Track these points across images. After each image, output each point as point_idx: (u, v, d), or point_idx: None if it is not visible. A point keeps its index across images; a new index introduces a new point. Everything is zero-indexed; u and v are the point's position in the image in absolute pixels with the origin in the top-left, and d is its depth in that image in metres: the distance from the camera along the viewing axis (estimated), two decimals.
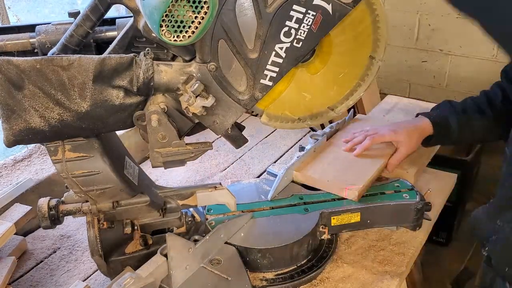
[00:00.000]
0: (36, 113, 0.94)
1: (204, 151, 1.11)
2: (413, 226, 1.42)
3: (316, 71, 1.12)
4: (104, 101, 0.96)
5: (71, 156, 1.04)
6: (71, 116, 0.96)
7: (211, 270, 1.20)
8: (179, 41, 0.88)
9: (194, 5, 0.85)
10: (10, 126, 0.94)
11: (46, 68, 0.91)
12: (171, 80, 1.01)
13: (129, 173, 1.16)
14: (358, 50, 1.11)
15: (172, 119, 1.06)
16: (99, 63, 0.93)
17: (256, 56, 1.02)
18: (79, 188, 1.08)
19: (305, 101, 1.14)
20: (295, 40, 1.02)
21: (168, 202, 1.25)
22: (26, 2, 1.82)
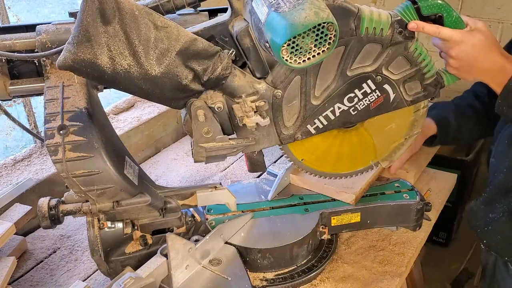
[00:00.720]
0: (108, 52, 0.93)
1: (246, 146, 1.13)
2: (413, 226, 1.42)
3: (358, 134, 1.26)
4: (174, 75, 0.97)
5: (71, 156, 1.04)
6: (138, 72, 0.95)
7: (211, 270, 1.20)
8: (290, 62, 0.91)
9: (319, 40, 0.89)
10: (76, 51, 0.92)
11: (142, 18, 0.91)
12: (240, 86, 1.04)
13: (129, 173, 1.16)
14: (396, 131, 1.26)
15: (219, 119, 1.08)
16: (190, 40, 0.95)
17: (317, 104, 1.11)
18: (79, 188, 1.08)
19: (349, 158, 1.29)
20: (353, 108, 1.14)
21: (168, 202, 1.25)
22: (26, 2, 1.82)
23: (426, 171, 1.69)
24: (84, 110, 1.08)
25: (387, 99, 1.14)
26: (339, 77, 1.09)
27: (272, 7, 0.90)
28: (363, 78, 1.10)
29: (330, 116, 1.13)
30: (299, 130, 1.14)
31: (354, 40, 1.05)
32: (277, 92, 1.07)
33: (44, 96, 1.10)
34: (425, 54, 1.12)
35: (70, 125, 1.05)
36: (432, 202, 1.48)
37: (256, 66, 1.05)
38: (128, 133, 1.90)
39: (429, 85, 1.16)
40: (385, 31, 1.06)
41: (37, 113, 1.73)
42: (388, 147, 1.29)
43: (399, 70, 1.13)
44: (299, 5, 0.88)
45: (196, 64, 0.98)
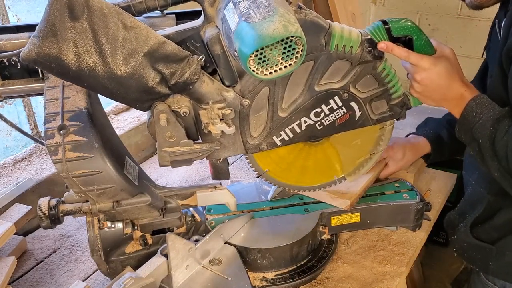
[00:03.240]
0: (74, 49, 0.91)
1: (212, 150, 1.12)
2: (413, 227, 1.42)
3: (323, 149, 1.27)
4: (141, 76, 0.96)
5: (71, 156, 1.04)
6: (104, 71, 0.94)
7: (211, 270, 1.20)
8: (257, 73, 0.91)
9: (287, 53, 0.90)
10: (41, 45, 0.90)
11: (112, 17, 0.90)
12: (207, 93, 1.04)
13: (129, 173, 1.16)
14: (362, 146, 1.28)
15: (183, 124, 1.07)
16: (159, 42, 0.94)
17: (284, 116, 1.12)
18: (79, 188, 1.08)
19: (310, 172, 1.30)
20: (319, 123, 1.14)
21: (168, 202, 1.25)
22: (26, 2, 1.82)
23: (426, 171, 1.69)
24: (84, 110, 1.08)
25: (353, 116, 1.15)
26: (307, 91, 1.10)
27: (242, 17, 0.90)
28: (331, 94, 1.11)
29: (296, 129, 1.14)
30: (264, 140, 1.14)
31: (324, 56, 1.06)
32: (245, 102, 1.07)
33: (44, 96, 1.10)
34: (393, 75, 1.13)
35: (70, 125, 1.05)
36: (432, 202, 1.48)
37: (226, 74, 1.05)
38: (128, 133, 1.90)
39: (395, 106, 1.17)
40: (354, 49, 1.07)
41: (37, 113, 1.73)
42: (354, 162, 1.31)
43: (367, 89, 1.14)
44: (269, 17, 0.88)
45: (164, 67, 0.97)
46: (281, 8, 0.90)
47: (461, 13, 2.61)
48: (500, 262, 1.29)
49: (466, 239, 1.35)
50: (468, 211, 1.37)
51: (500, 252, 1.28)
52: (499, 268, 1.30)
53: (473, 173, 1.36)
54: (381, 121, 1.18)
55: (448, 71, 1.12)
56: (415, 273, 2.06)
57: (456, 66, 1.14)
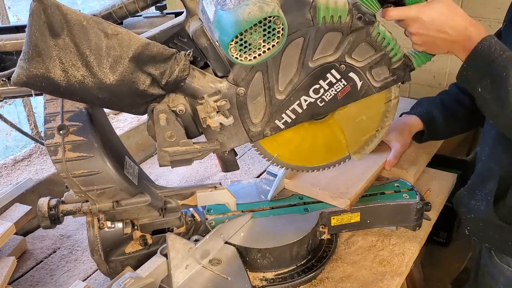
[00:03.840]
0: (60, 65, 0.91)
1: (211, 150, 1.12)
2: (413, 226, 1.42)
3: (328, 126, 1.22)
4: (130, 81, 0.96)
5: (71, 156, 1.04)
6: (93, 82, 0.94)
7: (211, 270, 1.20)
8: (240, 59, 0.90)
9: (267, 35, 0.88)
10: (28, 67, 0.90)
11: (91, 28, 0.90)
12: (200, 88, 1.02)
13: (129, 173, 1.16)
14: (368, 123, 1.23)
15: (182, 122, 1.06)
16: (142, 45, 0.93)
17: (282, 98, 1.09)
18: (79, 188, 1.08)
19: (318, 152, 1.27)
20: (320, 99, 1.10)
21: (168, 202, 1.25)
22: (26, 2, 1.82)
23: (426, 171, 1.69)
24: (84, 110, 1.08)
25: (354, 87, 1.11)
26: (301, 70, 1.06)
27: (218, 5, 0.88)
28: (327, 68, 1.07)
29: (297, 110, 1.11)
30: (267, 126, 1.11)
31: (312, 30, 1.02)
32: (240, 90, 1.05)
33: (44, 96, 1.10)
34: (389, 38, 1.08)
35: (70, 125, 1.05)
36: (432, 202, 1.48)
37: (216, 65, 1.03)
38: (128, 133, 1.90)
39: (397, 69, 1.12)
40: (343, 18, 1.02)
41: (37, 113, 1.73)
42: (360, 139, 1.26)
43: (364, 57, 1.09)
44: (244, 0, 0.86)
45: (152, 68, 0.96)
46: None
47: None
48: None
49: (485, 218, 1.31)
50: (478, 188, 1.34)
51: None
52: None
53: (485, 148, 1.33)
54: (385, 87, 1.14)
55: (443, 13, 1.05)
56: (415, 273, 2.06)
57: (452, 7, 1.07)
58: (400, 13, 1.07)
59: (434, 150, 1.74)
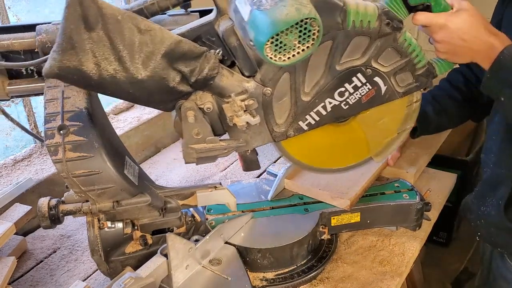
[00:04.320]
0: (93, 59, 0.92)
1: (237, 148, 1.12)
2: (413, 227, 1.42)
3: (352, 128, 1.23)
4: (161, 77, 0.96)
5: (71, 156, 1.04)
6: (125, 77, 0.94)
7: (211, 270, 1.20)
8: (275, 60, 0.90)
9: (303, 36, 0.89)
10: (61, 59, 0.91)
11: (126, 23, 0.91)
12: (228, 86, 1.03)
13: (129, 173, 1.16)
14: (389, 125, 1.24)
15: (209, 120, 1.07)
16: (175, 42, 0.94)
17: (307, 100, 1.09)
18: (79, 188, 1.08)
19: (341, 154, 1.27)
20: (344, 102, 1.11)
21: (168, 202, 1.25)
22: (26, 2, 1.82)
23: (426, 171, 1.69)
24: (84, 110, 1.08)
25: (378, 91, 1.13)
26: (328, 72, 1.07)
27: (254, 5, 0.89)
28: (353, 71, 1.08)
29: (321, 112, 1.12)
30: (291, 127, 1.12)
31: (341, 34, 1.03)
32: (267, 90, 1.05)
33: (44, 96, 1.10)
34: (415, 45, 1.10)
35: (70, 125, 1.05)
36: (432, 202, 1.48)
37: (244, 65, 1.04)
38: (128, 133, 1.90)
39: (420, 76, 1.14)
40: (372, 23, 1.04)
41: (37, 113, 1.73)
42: (381, 142, 1.27)
43: (389, 62, 1.11)
44: (281, 1, 0.87)
45: (182, 65, 0.97)
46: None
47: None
48: None
49: (497, 222, 1.32)
50: (489, 194, 1.34)
51: None
52: None
53: (492, 155, 1.33)
54: (408, 93, 1.15)
55: (468, 23, 1.07)
56: (415, 273, 2.06)
57: (478, 17, 1.08)
58: (428, 19, 1.08)
59: (434, 150, 1.74)
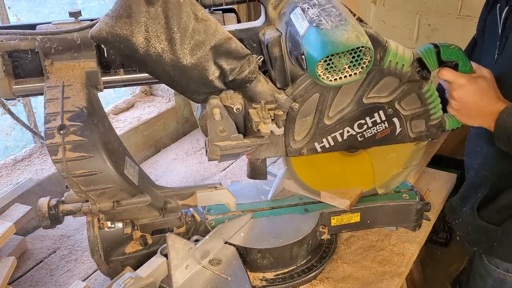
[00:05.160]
0: (145, 33, 0.92)
1: (261, 145, 1.13)
2: (413, 227, 1.42)
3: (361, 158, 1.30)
4: (203, 68, 0.98)
5: (71, 156, 1.04)
6: (170, 59, 0.95)
7: (211, 270, 1.20)
8: (322, 78, 0.94)
9: (354, 62, 0.93)
10: (113, 24, 0.91)
11: (185, 7, 0.92)
12: (261, 93, 1.06)
13: (129, 173, 1.16)
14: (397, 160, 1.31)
15: (234, 120, 1.08)
16: (225, 38, 0.96)
17: (329, 123, 1.14)
18: (79, 188, 1.08)
19: None
20: (360, 134, 1.17)
21: (168, 202, 1.25)
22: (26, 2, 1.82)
23: (426, 171, 1.69)
24: (84, 110, 1.08)
25: (393, 131, 1.18)
26: (355, 102, 1.12)
27: (313, 23, 0.93)
28: (377, 107, 1.14)
29: (338, 138, 1.16)
30: (306, 146, 1.16)
31: (376, 70, 1.08)
32: (294, 105, 1.08)
33: (44, 96, 1.10)
34: (435, 97, 1.16)
35: (70, 125, 1.05)
36: (432, 202, 1.48)
37: (279, 76, 1.07)
38: (128, 133, 1.90)
39: (432, 126, 1.20)
40: (405, 67, 1.09)
41: (37, 113, 1.73)
42: (387, 175, 1.34)
43: (410, 107, 1.16)
44: (342, 25, 0.92)
45: (225, 62, 0.99)
46: (351, 19, 0.94)
47: (461, 13, 2.61)
48: (504, 244, 1.32)
49: (471, 221, 1.37)
50: (471, 195, 1.39)
51: (504, 234, 1.31)
52: (504, 250, 1.33)
53: (477, 158, 1.38)
54: (418, 139, 1.21)
55: (485, 90, 1.15)
56: (415, 273, 2.06)
57: (493, 85, 1.17)
58: (453, 76, 1.14)
59: (434, 150, 1.74)
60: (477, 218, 1.35)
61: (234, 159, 1.16)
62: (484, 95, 1.15)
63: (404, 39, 2.90)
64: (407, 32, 2.88)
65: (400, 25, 2.89)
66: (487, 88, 1.15)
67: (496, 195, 1.32)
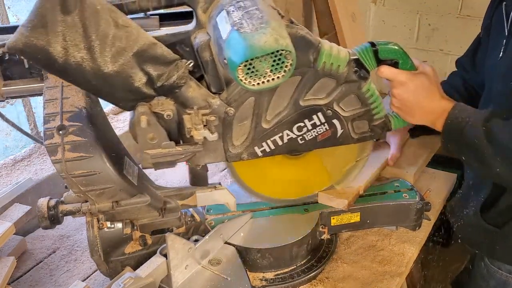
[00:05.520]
0: (63, 42, 0.91)
1: (195, 153, 1.11)
2: (413, 226, 1.42)
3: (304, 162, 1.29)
4: (127, 75, 0.96)
5: (70, 156, 1.04)
6: (91, 67, 0.94)
7: (210, 270, 1.20)
8: (244, 82, 0.91)
9: (276, 66, 0.91)
10: (29, 35, 0.89)
11: (104, 14, 0.90)
12: (193, 98, 1.04)
13: (128, 173, 1.16)
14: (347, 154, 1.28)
15: (167, 127, 1.06)
16: (149, 43, 0.94)
17: (267, 127, 1.12)
18: (78, 188, 1.08)
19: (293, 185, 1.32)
20: (301, 137, 1.14)
21: (168, 202, 1.25)
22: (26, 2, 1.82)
23: (426, 171, 1.69)
24: (83, 110, 1.08)
25: (334, 133, 1.16)
26: (292, 105, 1.10)
27: (235, 26, 0.91)
28: (315, 110, 1.12)
29: (278, 142, 1.14)
30: (246, 150, 1.14)
31: (311, 72, 1.06)
32: (230, 110, 1.06)
33: (44, 96, 1.10)
34: (376, 96, 1.14)
35: (70, 125, 1.05)
36: (432, 202, 1.48)
37: (213, 81, 1.05)
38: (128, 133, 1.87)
39: (376, 127, 1.18)
40: (341, 68, 1.07)
41: (37, 113, 1.73)
42: (341, 170, 1.32)
43: (350, 108, 1.14)
44: (261, 28, 0.89)
45: (151, 68, 0.96)
46: (274, 21, 0.91)
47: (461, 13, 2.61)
48: (507, 246, 1.31)
49: (474, 223, 1.36)
50: (472, 197, 1.37)
51: (506, 236, 1.30)
52: (506, 252, 1.32)
53: None
54: (361, 140, 1.19)
55: (425, 86, 1.14)
56: (415, 273, 2.06)
57: (435, 83, 1.16)
58: (392, 74, 1.14)
59: (434, 150, 1.74)
60: (481, 220, 1.33)
61: (171, 167, 1.13)
62: (425, 92, 1.14)
63: (404, 39, 2.90)
64: (407, 32, 2.88)
65: (400, 25, 2.89)
66: (428, 85, 1.14)
67: (497, 197, 1.30)
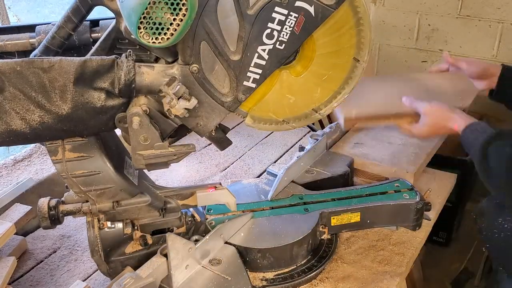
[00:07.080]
0: (17, 115, 0.93)
1: (187, 153, 1.10)
2: (413, 226, 1.42)
3: (299, 73, 1.12)
4: (85, 103, 0.96)
5: (71, 156, 1.04)
6: (52, 118, 0.95)
7: (211, 270, 1.20)
8: (157, 43, 0.87)
9: (172, 7, 0.84)
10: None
11: (27, 70, 0.91)
12: (153, 82, 1.00)
13: (129, 173, 1.16)
14: (341, 52, 1.10)
15: (155, 121, 1.05)
16: (80, 65, 0.93)
17: (239, 58, 1.02)
18: (79, 188, 1.08)
19: (289, 103, 1.14)
20: (278, 42, 1.02)
21: (168, 202, 1.25)
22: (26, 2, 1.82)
23: (426, 171, 1.69)
24: None
25: (308, 15, 1.01)
26: (243, 21, 0.99)
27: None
28: (268, 8, 0.98)
29: (260, 63, 1.03)
30: (238, 91, 1.06)
31: None
32: (193, 67, 1.01)
33: None
34: None
35: None
36: (432, 202, 1.48)
37: (162, 53, 1.01)
38: None
39: None
40: None
41: None
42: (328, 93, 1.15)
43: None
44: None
45: (101, 82, 0.96)
46: None
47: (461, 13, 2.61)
48: None
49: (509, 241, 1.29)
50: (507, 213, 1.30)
51: None
52: None
53: None
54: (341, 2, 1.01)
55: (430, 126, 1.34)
56: (415, 273, 2.06)
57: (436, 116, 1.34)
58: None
59: (434, 150, 1.74)
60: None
61: (164, 167, 1.11)
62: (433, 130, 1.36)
63: (404, 39, 2.90)
64: (407, 32, 2.88)
65: (400, 25, 2.89)
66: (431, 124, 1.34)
67: None
